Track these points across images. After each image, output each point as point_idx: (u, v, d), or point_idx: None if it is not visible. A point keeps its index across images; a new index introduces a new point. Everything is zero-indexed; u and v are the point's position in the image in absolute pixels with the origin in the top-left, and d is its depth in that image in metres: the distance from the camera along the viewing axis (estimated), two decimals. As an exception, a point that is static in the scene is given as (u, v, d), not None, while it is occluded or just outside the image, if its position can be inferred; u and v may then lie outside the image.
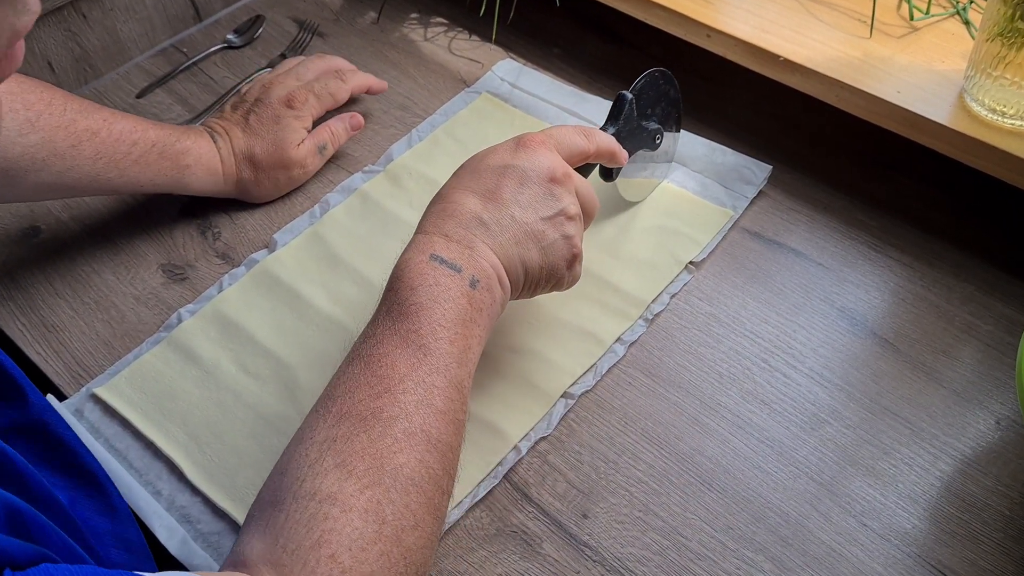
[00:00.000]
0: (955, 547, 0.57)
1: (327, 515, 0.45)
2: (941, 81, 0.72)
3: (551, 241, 0.59)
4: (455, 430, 0.52)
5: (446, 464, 0.50)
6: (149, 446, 0.64)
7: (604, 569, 0.57)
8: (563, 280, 0.62)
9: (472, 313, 0.55)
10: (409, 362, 0.51)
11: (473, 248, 0.56)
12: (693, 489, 0.61)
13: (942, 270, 0.72)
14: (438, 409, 0.51)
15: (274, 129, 0.77)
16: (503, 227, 0.58)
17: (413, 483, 0.48)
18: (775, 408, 0.65)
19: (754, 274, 0.73)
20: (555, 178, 0.60)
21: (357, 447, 0.47)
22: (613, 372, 0.67)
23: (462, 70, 0.93)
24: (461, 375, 0.53)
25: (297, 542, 0.44)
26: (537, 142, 0.61)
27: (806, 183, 0.79)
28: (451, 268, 0.55)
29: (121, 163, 0.70)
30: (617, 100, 0.70)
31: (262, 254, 0.76)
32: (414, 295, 0.54)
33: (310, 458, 0.47)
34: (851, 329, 0.69)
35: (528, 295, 0.62)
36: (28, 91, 0.66)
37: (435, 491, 0.49)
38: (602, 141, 0.66)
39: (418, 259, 0.56)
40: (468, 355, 0.54)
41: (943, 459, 0.62)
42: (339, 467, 0.47)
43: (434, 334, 0.53)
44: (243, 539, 0.46)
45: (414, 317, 0.53)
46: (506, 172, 0.59)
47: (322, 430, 0.49)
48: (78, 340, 0.71)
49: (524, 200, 0.59)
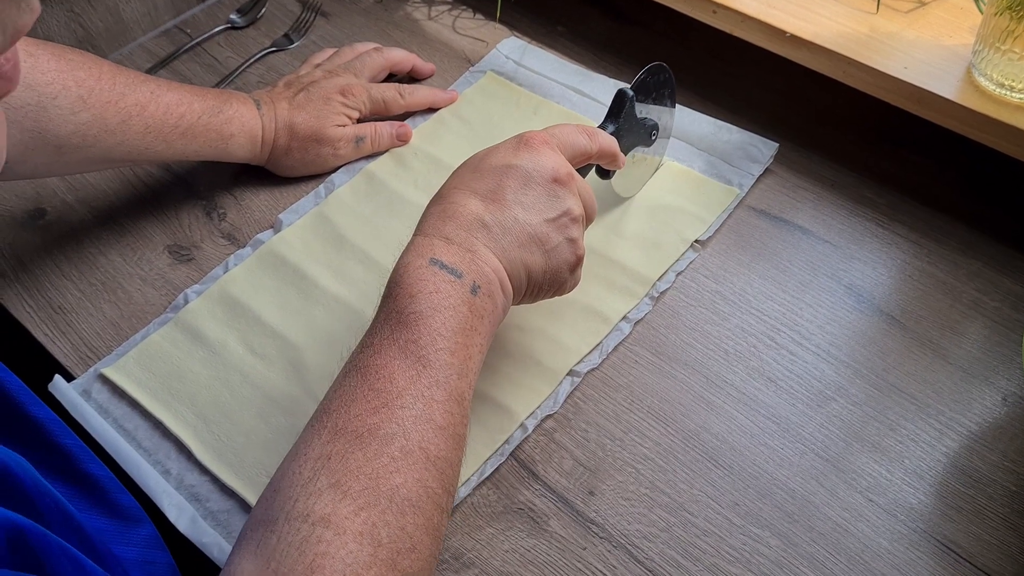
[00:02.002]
0: (961, 522, 0.58)
1: (320, 538, 0.43)
2: (949, 56, 0.72)
3: (555, 244, 0.57)
4: (455, 445, 0.50)
5: (445, 482, 0.49)
6: (157, 426, 0.64)
7: (611, 546, 0.58)
8: (565, 284, 0.60)
9: (473, 321, 0.53)
10: (408, 375, 0.49)
11: (475, 252, 0.54)
12: (699, 466, 0.61)
13: (949, 247, 0.72)
14: (437, 425, 0.49)
15: (320, 106, 0.78)
16: (506, 229, 0.56)
17: (410, 504, 0.46)
18: (781, 385, 0.65)
19: (760, 252, 0.73)
20: (559, 179, 0.58)
21: (352, 466, 0.46)
22: (619, 350, 0.67)
23: (466, 49, 0.92)
24: (462, 387, 0.51)
25: (289, 566, 0.42)
26: (540, 141, 0.59)
27: (813, 160, 0.79)
28: (452, 274, 0.53)
29: (169, 136, 0.70)
30: (617, 97, 0.69)
31: (267, 235, 0.76)
32: (413, 303, 0.52)
33: (304, 476, 0.46)
34: (858, 306, 0.69)
35: (530, 300, 0.60)
36: (78, 67, 0.66)
37: (434, 511, 0.47)
38: (604, 142, 0.64)
39: (417, 263, 0.53)
40: (469, 365, 0.52)
41: (949, 435, 0.62)
42: (333, 487, 0.45)
43: (434, 344, 0.50)
44: (234, 559, 0.44)
45: (413, 327, 0.51)
46: (508, 172, 0.57)
47: (317, 446, 0.47)
48: (85, 321, 0.71)
49: (527, 201, 0.57)
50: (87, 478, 0.51)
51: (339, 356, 0.67)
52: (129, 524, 0.53)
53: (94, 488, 0.51)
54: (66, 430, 0.51)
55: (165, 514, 0.59)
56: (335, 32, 0.96)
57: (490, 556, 0.58)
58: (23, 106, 0.62)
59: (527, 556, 0.57)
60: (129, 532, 0.53)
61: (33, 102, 0.63)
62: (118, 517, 0.52)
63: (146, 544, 0.53)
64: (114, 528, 0.52)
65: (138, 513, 0.54)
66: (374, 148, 0.81)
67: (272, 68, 0.92)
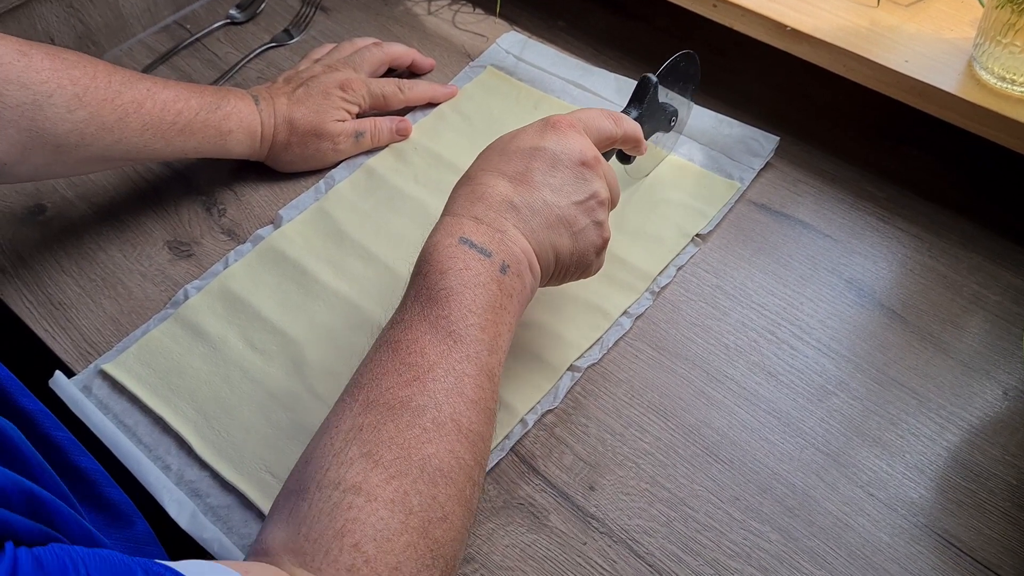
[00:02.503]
0: (961, 516, 0.58)
1: (351, 504, 0.43)
2: (950, 50, 0.72)
3: (582, 227, 0.58)
4: (486, 419, 0.51)
5: (477, 454, 0.49)
6: (158, 421, 0.64)
7: (611, 540, 0.58)
8: (591, 267, 0.61)
9: (502, 299, 0.53)
10: (439, 349, 0.50)
11: (504, 232, 0.55)
12: (700, 461, 0.61)
13: (950, 241, 0.72)
14: (469, 398, 0.49)
15: (319, 101, 0.78)
16: (534, 211, 0.56)
17: (442, 474, 0.46)
18: (782, 380, 0.65)
19: (761, 246, 0.73)
20: (586, 162, 0.58)
21: (384, 436, 0.46)
22: (620, 345, 0.67)
23: (466, 44, 0.92)
24: (492, 363, 0.52)
25: (320, 531, 0.43)
26: (567, 124, 0.59)
27: (813, 154, 0.79)
28: (481, 253, 0.53)
29: (167, 133, 0.70)
30: (642, 82, 0.69)
31: (268, 230, 0.76)
32: (444, 280, 0.52)
33: (335, 447, 0.46)
34: (858, 300, 0.69)
35: (557, 282, 0.61)
36: (72, 65, 0.66)
37: (466, 482, 0.48)
38: (629, 127, 0.64)
39: (447, 242, 0.54)
40: (499, 343, 0.53)
41: (950, 429, 0.62)
42: (365, 456, 0.45)
43: (464, 320, 0.51)
44: (266, 528, 0.45)
45: (444, 303, 0.51)
46: (536, 154, 0.57)
47: (348, 418, 0.48)
48: (85, 317, 0.71)
49: (555, 183, 0.57)
50: (77, 471, 0.51)
51: (340, 351, 0.67)
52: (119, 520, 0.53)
53: (84, 481, 0.51)
54: (56, 423, 0.51)
55: (166, 510, 0.59)
56: (335, 27, 0.96)
57: (490, 551, 0.58)
58: (18, 105, 0.62)
59: (527, 551, 0.57)
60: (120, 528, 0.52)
61: (28, 101, 0.63)
62: (108, 512, 0.52)
63: (137, 540, 0.53)
64: (104, 522, 0.52)
65: (129, 509, 0.54)
66: (374, 143, 0.81)
67: (272, 64, 0.92)
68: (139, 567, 0.36)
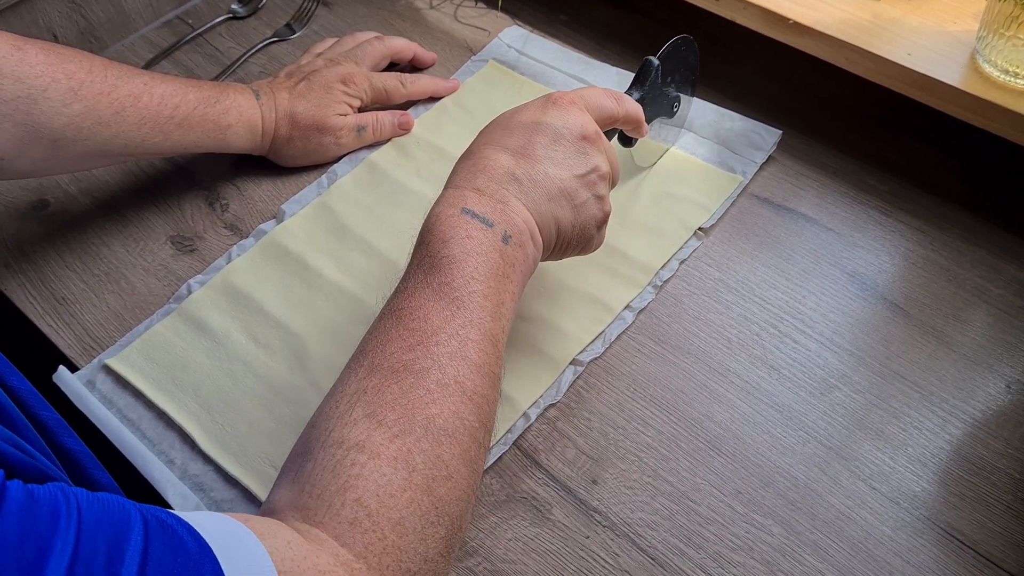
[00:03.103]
0: (964, 510, 0.58)
1: (354, 461, 0.44)
2: (953, 43, 0.71)
3: (584, 200, 0.58)
4: (491, 383, 0.51)
5: (482, 416, 0.50)
6: (161, 416, 0.65)
7: (613, 534, 0.58)
8: (592, 242, 0.61)
9: (505, 268, 0.54)
10: (442, 315, 0.50)
11: (506, 203, 0.55)
12: (702, 454, 0.61)
13: (953, 234, 0.72)
14: (473, 362, 0.50)
15: (321, 95, 0.78)
16: (536, 183, 0.57)
17: (446, 433, 0.47)
18: (784, 373, 0.65)
19: (763, 240, 0.73)
20: (587, 136, 0.59)
21: (388, 398, 0.47)
22: (622, 339, 0.67)
23: (468, 38, 0.92)
24: (495, 329, 0.52)
25: (322, 487, 0.44)
26: (568, 100, 0.60)
27: (816, 148, 0.79)
28: (483, 223, 0.54)
29: (165, 127, 0.70)
30: (644, 65, 0.69)
31: (270, 225, 0.76)
32: (446, 248, 0.53)
33: (339, 409, 0.47)
34: (861, 294, 0.69)
35: (558, 256, 0.61)
36: (68, 60, 0.66)
37: (471, 443, 0.48)
38: (631, 107, 0.65)
39: (449, 212, 0.54)
40: (502, 310, 0.53)
41: (953, 423, 0.62)
42: (368, 417, 0.46)
43: (467, 287, 0.52)
44: (273, 490, 0.46)
45: (447, 270, 0.52)
46: (538, 129, 0.58)
47: (352, 383, 0.48)
48: (89, 312, 0.72)
49: (557, 157, 0.57)
50: (64, 451, 0.51)
51: (343, 345, 0.67)
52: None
53: (72, 463, 0.51)
54: (43, 403, 0.51)
55: (170, 504, 0.59)
56: (337, 21, 0.95)
57: (493, 545, 0.58)
58: (13, 99, 0.62)
59: (530, 545, 0.58)
60: None
61: (23, 95, 0.63)
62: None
63: None
64: None
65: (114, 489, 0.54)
66: (376, 137, 0.81)
67: (274, 58, 0.92)
68: (136, 510, 0.36)
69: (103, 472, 0.54)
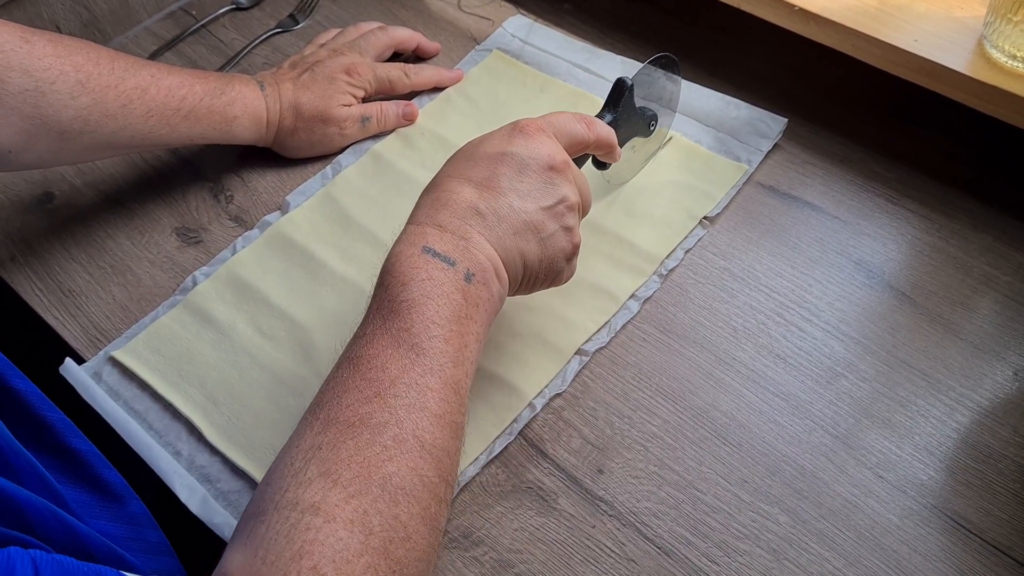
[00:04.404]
0: (971, 498, 0.57)
1: (309, 525, 0.42)
2: (960, 28, 0.71)
3: (551, 232, 0.56)
4: (452, 434, 0.49)
5: (442, 471, 0.47)
6: (168, 407, 0.65)
7: (619, 523, 0.58)
8: (562, 274, 0.59)
9: (468, 309, 0.52)
10: (401, 363, 0.48)
11: (468, 240, 0.53)
12: (708, 443, 0.61)
13: (960, 221, 0.72)
14: (432, 412, 0.48)
15: (325, 86, 0.78)
16: (500, 217, 0.55)
17: (404, 492, 0.45)
18: (790, 362, 0.64)
19: (769, 228, 0.72)
20: (554, 166, 0.57)
21: (343, 455, 0.45)
22: (627, 328, 0.67)
23: (472, 28, 0.92)
24: (458, 375, 0.50)
25: (277, 553, 0.41)
26: (535, 128, 0.57)
27: (822, 136, 0.78)
28: (445, 261, 0.52)
29: (172, 119, 0.70)
30: (616, 86, 0.67)
31: (275, 216, 0.76)
32: (405, 291, 0.51)
33: (294, 467, 0.45)
34: (867, 282, 0.68)
35: (526, 291, 0.59)
36: (75, 52, 0.66)
37: (430, 499, 0.46)
38: (602, 132, 0.62)
39: (409, 252, 0.52)
40: (464, 354, 0.51)
41: (960, 411, 0.61)
42: (323, 476, 0.44)
43: (427, 332, 0.49)
44: (226, 554, 0.44)
45: (406, 314, 0.50)
46: (503, 159, 0.56)
47: (308, 437, 0.46)
48: (95, 304, 0.72)
49: (523, 189, 0.55)
50: (70, 452, 0.51)
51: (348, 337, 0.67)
52: (114, 500, 0.53)
53: (77, 462, 0.51)
54: (49, 404, 0.51)
55: (177, 495, 0.59)
56: (340, 12, 0.95)
57: (499, 534, 0.58)
58: (21, 92, 0.62)
59: (536, 534, 0.58)
60: (114, 508, 0.53)
61: (31, 87, 0.63)
62: (102, 492, 0.52)
63: (133, 521, 0.53)
64: (98, 503, 0.52)
65: (124, 490, 0.54)
66: (380, 128, 0.81)
67: (278, 49, 0.92)
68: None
69: (111, 470, 0.54)
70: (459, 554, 0.57)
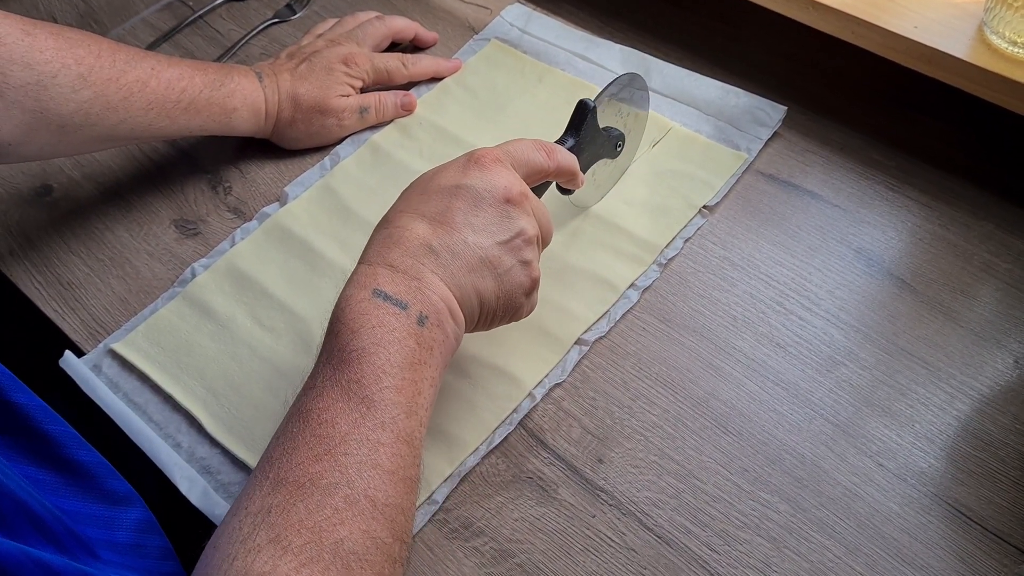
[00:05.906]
0: (972, 486, 0.57)
1: None
2: (960, 15, 0.71)
3: (508, 267, 0.54)
4: (405, 490, 0.47)
5: (396, 530, 0.45)
6: (167, 400, 0.65)
7: (620, 513, 0.58)
8: (521, 309, 0.58)
9: (421, 354, 0.50)
10: (351, 417, 0.46)
11: (421, 280, 0.51)
12: (708, 433, 0.61)
13: (960, 209, 0.71)
14: (385, 469, 0.46)
15: (323, 77, 0.77)
16: (455, 254, 0.53)
17: (356, 557, 0.43)
18: (790, 351, 0.64)
19: (769, 217, 0.72)
20: (511, 198, 0.55)
21: (293, 519, 0.42)
22: (627, 318, 0.67)
23: (470, 17, 0.91)
24: (411, 426, 0.48)
25: None
26: (491, 159, 0.56)
27: (822, 123, 0.78)
28: (396, 305, 0.50)
29: (172, 112, 0.70)
30: (578, 109, 0.65)
31: (273, 207, 0.76)
32: (355, 339, 0.48)
33: (243, 533, 0.42)
34: (868, 270, 0.68)
35: (485, 327, 0.57)
36: (77, 44, 0.65)
37: (384, 562, 0.44)
38: (563, 159, 0.60)
39: (360, 296, 0.50)
40: (418, 401, 0.49)
41: (960, 399, 0.61)
42: (273, 543, 0.41)
43: (378, 383, 0.47)
44: None
45: (356, 365, 0.48)
46: (457, 193, 0.54)
47: (257, 499, 0.44)
48: (94, 297, 0.72)
49: (478, 223, 0.54)
50: (73, 464, 0.51)
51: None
52: (118, 508, 0.53)
53: (81, 474, 0.51)
54: (52, 416, 0.50)
55: (177, 487, 0.59)
56: (337, 2, 0.95)
57: (499, 524, 0.58)
58: (23, 85, 0.62)
59: (536, 524, 0.58)
60: (118, 516, 0.52)
61: (33, 81, 0.62)
62: (107, 502, 0.52)
63: (136, 528, 0.53)
64: (102, 514, 0.52)
65: (129, 495, 0.54)
66: (378, 118, 0.81)
67: (275, 40, 0.91)
68: None
69: (118, 479, 0.54)
70: (459, 544, 0.57)
